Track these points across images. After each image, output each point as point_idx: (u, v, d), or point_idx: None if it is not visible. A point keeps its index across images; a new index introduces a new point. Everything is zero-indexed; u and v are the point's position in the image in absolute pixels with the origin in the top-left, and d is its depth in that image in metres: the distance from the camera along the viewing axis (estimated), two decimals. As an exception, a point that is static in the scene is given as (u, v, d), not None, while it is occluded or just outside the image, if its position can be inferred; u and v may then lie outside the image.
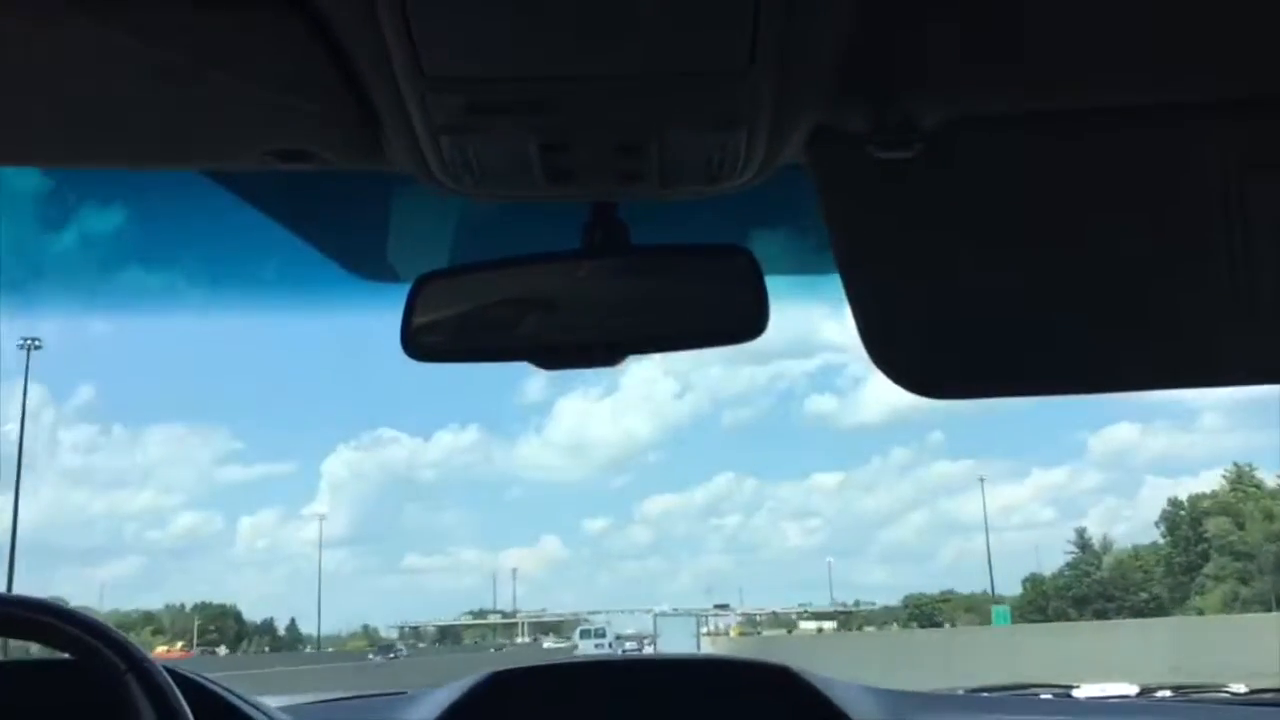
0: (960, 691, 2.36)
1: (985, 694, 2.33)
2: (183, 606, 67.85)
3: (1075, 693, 2.32)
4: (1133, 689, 2.34)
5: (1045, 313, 1.12)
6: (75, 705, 1.57)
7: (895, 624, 64.22)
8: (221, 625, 65.22)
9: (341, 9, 0.81)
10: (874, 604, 74.83)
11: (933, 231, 1.12)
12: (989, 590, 62.77)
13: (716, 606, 73.35)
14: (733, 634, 59.81)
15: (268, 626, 70.24)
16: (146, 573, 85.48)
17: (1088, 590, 59.86)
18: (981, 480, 63.83)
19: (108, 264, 2.23)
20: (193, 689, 1.45)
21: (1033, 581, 64.99)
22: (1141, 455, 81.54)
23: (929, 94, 1.00)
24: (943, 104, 1.01)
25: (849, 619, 70.39)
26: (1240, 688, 2.32)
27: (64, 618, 1.35)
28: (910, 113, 1.00)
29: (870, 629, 60.03)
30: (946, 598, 66.76)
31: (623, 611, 66.23)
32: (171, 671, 1.38)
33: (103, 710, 1.33)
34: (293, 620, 69.73)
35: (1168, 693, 2.32)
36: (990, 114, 1.05)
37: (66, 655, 1.37)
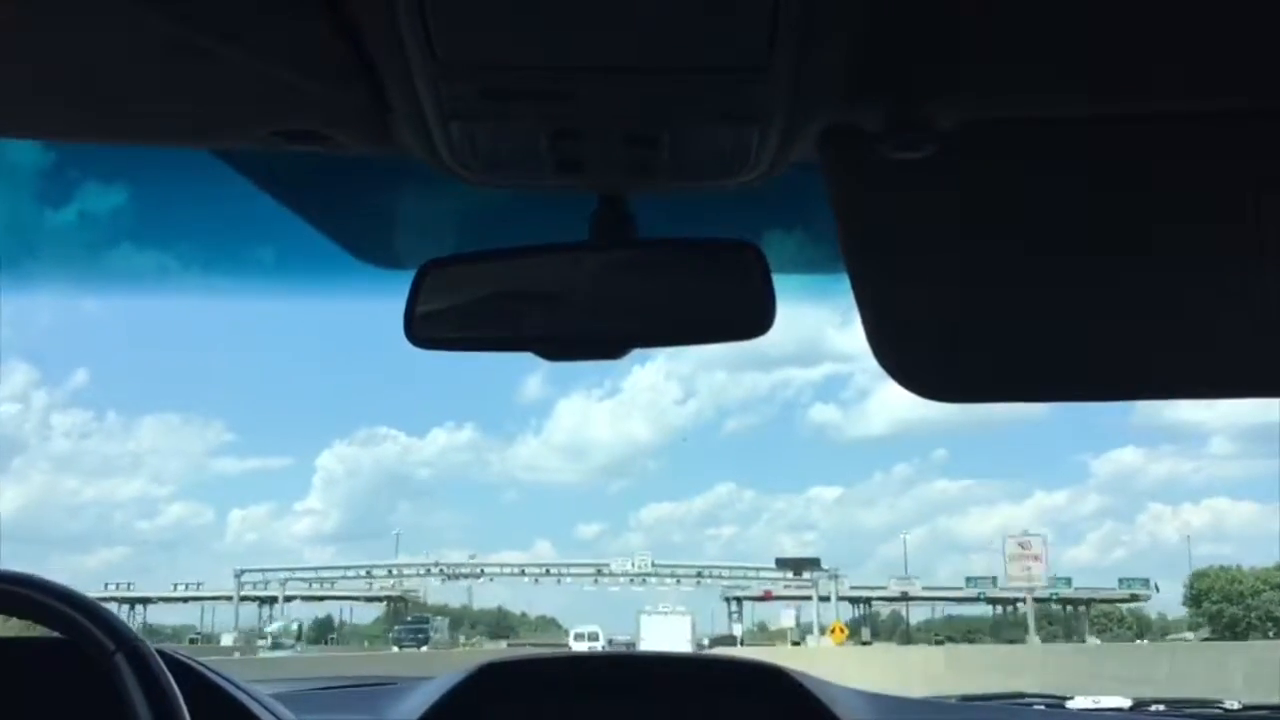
0: (953, 699, 2.35)
1: (979, 702, 2.32)
2: None
3: (1069, 704, 2.32)
4: (1126, 702, 2.34)
5: (1057, 318, 1.10)
6: (62, 684, 1.56)
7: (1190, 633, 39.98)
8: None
9: None
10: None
11: (945, 233, 1.11)
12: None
13: (779, 564, 42.21)
14: (833, 639, 36.16)
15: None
16: (132, 561, 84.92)
17: None
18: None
19: (106, 243, 2.20)
20: (184, 672, 1.43)
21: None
22: (1144, 480, 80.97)
23: (945, 94, 0.99)
24: (958, 105, 1.00)
25: (1075, 617, 47.18)
26: (1234, 704, 2.32)
27: (54, 594, 1.33)
28: (925, 113, 0.99)
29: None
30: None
31: (572, 566, 54.97)
32: (162, 653, 1.36)
33: (91, 690, 1.31)
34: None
35: (1161, 708, 2.31)
36: (1005, 116, 1.04)
37: (55, 634, 1.36)
